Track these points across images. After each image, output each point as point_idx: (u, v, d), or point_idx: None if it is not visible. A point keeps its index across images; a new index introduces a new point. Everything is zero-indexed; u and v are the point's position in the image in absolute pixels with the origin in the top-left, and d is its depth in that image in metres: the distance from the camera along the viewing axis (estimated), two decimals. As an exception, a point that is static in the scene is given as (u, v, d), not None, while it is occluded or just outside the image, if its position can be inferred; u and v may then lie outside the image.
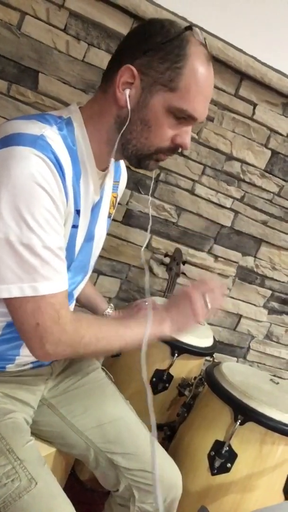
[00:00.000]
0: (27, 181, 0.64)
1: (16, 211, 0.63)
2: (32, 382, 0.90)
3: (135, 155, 0.79)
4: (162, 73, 0.72)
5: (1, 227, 0.64)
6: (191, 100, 0.73)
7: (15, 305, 0.69)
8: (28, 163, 0.64)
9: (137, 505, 0.89)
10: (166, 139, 0.76)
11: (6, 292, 0.67)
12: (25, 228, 0.64)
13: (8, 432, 0.77)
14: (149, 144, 0.77)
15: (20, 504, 0.69)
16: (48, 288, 0.68)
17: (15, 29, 1.35)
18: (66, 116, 0.76)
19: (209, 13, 1.44)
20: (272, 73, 1.55)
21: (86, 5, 1.36)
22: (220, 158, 1.66)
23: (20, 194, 0.63)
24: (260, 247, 1.83)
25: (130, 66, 0.73)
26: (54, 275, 0.69)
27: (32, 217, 0.64)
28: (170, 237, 1.72)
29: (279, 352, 2.02)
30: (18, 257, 0.65)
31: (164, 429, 1.22)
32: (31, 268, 0.66)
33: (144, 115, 0.75)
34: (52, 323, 0.71)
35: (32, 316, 0.69)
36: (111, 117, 0.77)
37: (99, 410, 0.94)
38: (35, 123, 0.70)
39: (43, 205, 0.66)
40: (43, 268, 0.67)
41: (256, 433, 0.98)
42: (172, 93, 0.72)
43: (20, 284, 0.67)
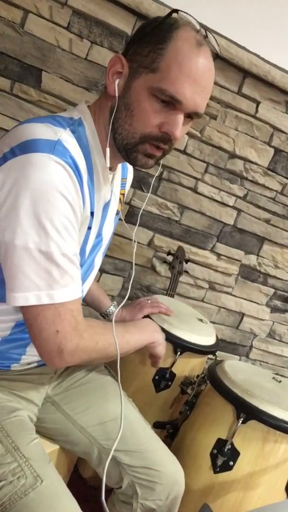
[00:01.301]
0: (47, 188, 0.63)
1: (35, 219, 0.63)
2: (36, 380, 0.90)
3: (122, 147, 0.76)
4: (145, 56, 0.70)
5: (20, 234, 0.63)
6: (172, 81, 0.68)
7: (34, 312, 0.68)
8: (48, 170, 0.63)
9: (140, 502, 0.89)
10: (150, 124, 0.72)
11: (23, 299, 0.66)
12: (44, 235, 0.64)
13: (13, 430, 0.77)
14: (133, 131, 0.73)
15: (26, 501, 0.69)
16: (65, 295, 0.68)
17: (18, 27, 1.35)
18: (77, 116, 0.76)
19: (212, 10, 1.43)
20: (276, 70, 1.54)
21: (89, 3, 1.36)
22: (223, 156, 1.66)
23: (40, 201, 0.63)
24: (263, 245, 1.83)
25: (119, 55, 0.74)
26: (70, 282, 0.69)
27: (51, 224, 0.64)
28: (172, 235, 1.72)
29: (282, 350, 2.02)
30: (35, 265, 0.65)
31: (166, 427, 1.23)
32: (48, 276, 0.66)
33: (128, 99, 0.73)
34: (71, 330, 0.71)
35: (53, 323, 0.69)
36: (107, 110, 0.77)
37: (102, 407, 0.95)
38: (49, 126, 0.69)
39: (62, 212, 0.65)
40: (60, 275, 0.67)
41: (258, 431, 0.98)
42: (153, 74, 0.70)
43: (37, 292, 0.66)
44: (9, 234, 0.64)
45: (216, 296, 1.86)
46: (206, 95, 0.73)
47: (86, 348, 0.75)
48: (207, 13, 1.41)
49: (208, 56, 0.71)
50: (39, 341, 0.72)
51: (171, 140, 0.73)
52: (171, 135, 0.72)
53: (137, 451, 0.90)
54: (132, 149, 0.75)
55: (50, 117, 0.72)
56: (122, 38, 1.43)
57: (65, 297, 0.69)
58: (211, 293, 1.85)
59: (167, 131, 0.72)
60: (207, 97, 0.73)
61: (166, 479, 0.89)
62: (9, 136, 0.70)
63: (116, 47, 1.44)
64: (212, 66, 0.72)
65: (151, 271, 1.75)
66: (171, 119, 0.71)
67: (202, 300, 1.86)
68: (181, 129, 0.72)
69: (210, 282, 1.83)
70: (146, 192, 1.63)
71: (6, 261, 0.67)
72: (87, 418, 0.93)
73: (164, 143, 0.74)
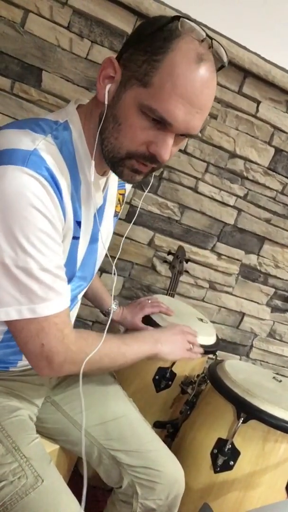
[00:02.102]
0: (20, 203, 0.60)
1: (10, 234, 0.61)
2: (36, 381, 0.90)
3: (109, 159, 0.71)
4: (139, 66, 0.64)
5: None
6: (164, 100, 0.62)
7: (17, 327, 0.68)
8: (20, 183, 0.60)
9: (140, 502, 0.89)
10: (137, 142, 0.67)
11: (4, 314, 0.66)
12: (20, 251, 0.62)
13: (14, 430, 0.77)
14: (119, 146, 0.68)
15: (27, 501, 0.69)
16: (48, 309, 0.67)
17: (18, 27, 1.35)
18: (63, 119, 0.71)
19: (212, 10, 1.43)
20: (276, 70, 1.54)
21: (89, 2, 1.36)
22: (223, 156, 1.66)
23: (14, 217, 0.60)
24: (263, 245, 1.83)
25: (112, 58, 0.68)
26: (53, 295, 0.67)
27: (27, 240, 0.62)
28: (173, 235, 1.72)
29: (282, 350, 2.02)
30: (14, 280, 0.64)
31: (167, 426, 1.23)
32: (28, 291, 0.65)
33: (116, 110, 0.67)
34: (57, 343, 0.70)
35: (37, 337, 0.68)
36: (97, 116, 0.71)
37: (102, 407, 0.95)
38: (27, 134, 0.65)
39: (38, 227, 0.63)
40: (41, 290, 0.66)
41: (258, 431, 0.98)
42: (144, 88, 0.63)
43: (18, 307, 0.65)
44: None
45: (216, 296, 1.86)
46: (202, 115, 0.66)
47: (75, 360, 0.74)
48: (207, 13, 1.41)
49: (208, 72, 0.64)
50: (26, 354, 0.72)
51: (159, 161, 0.68)
52: (158, 157, 0.67)
53: (137, 451, 0.90)
54: (118, 163, 0.70)
55: (32, 122, 0.69)
56: (123, 38, 1.43)
57: (48, 310, 0.67)
58: (212, 292, 1.85)
59: (154, 152, 0.67)
60: (203, 117, 0.67)
61: (166, 478, 0.89)
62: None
63: (116, 46, 1.44)
64: (212, 83, 0.65)
65: (152, 270, 1.75)
66: (160, 139, 0.66)
67: (203, 299, 1.86)
68: (171, 150, 0.67)
69: (211, 281, 1.83)
70: (147, 192, 1.62)
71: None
72: (87, 419, 0.92)
73: (151, 162, 0.69)
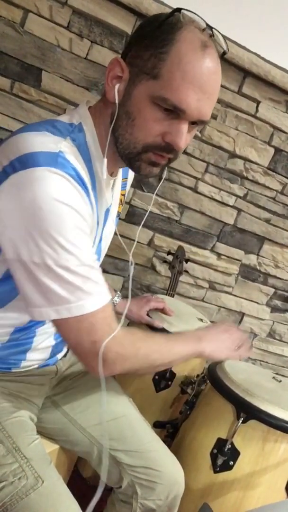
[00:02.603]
0: (53, 202, 0.61)
1: (47, 235, 0.61)
2: (37, 381, 0.90)
3: (125, 156, 0.73)
4: (146, 60, 0.66)
5: (36, 252, 0.62)
6: (175, 89, 0.64)
7: (67, 326, 0.68)
8: (51, 183, 0.61)
9: (140, 502, 0.89)
10: (152, 134, 0.68)
11: (54, 313, 0.66)
12: (60, 250, 0.62)
13: (14, 431, 0.77)
14: (134, 140, 0.70)
15: (27, 502, 0.69)
16: (94, 303, 0.68)
17: (18, 27, 1.35)
18: (77, 121, 0.73)
19: (212, 10, 1.43)
20: (276, 70, 1.54)
21: (89, 2, 1.36)
22: (223, 156, 1.66)
23: (49, 217, 0.61)
24: (263, 245, 1.83)
25: (118, 58, 0.70)
26: (95, 288, 0.68)
27: (65, 238, 0.62)
28: (173, 235, 1.72)
29: (282, 350, 2.02)
30: (59, 280, 0.64)
31: (166, 426, 1.23)
32: (74, 288, 0.65)
33: (128, 107, 0.69)
34: (110, 338, 0.70)
35: (88, 334, 0.68)
36: (108, 116, 0.73)
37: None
38: (47, 136, 0.66)
39: (74, 224, 0.64)
40: (85, 284, 0.66)
41: (258, 431, 0.98)
42: (154, 81, 0.65)
43: (68, 305, 0.66)
44: (25, 253, 0.63)
45: (216, 296, 1.86)
46: (212, 101, 0.68)
47: (127, 356, 0.74)
48: (207, 13, 1.41)
49: (214, 59, 0.67)
50: (78, 353, 0.72)
51: (175, 150, 0.70)
52: (174, 145, 0.69)
53: (137, 450, 0.90)
54: (135, 158, 0.72)
55: (48, 123, 0.69)
56: (122, 38, 1.43)
57: (95, 305, 0.68)
58: (211, 292, 1.85)
59: (170, 141, 0.69)
60: (213, 103, 0.69)
61: (166, 479, 0.89)
62: (7, 147, 0.66)
63: (116, 46, 1.44)
64: (218, 69, 0.68)
65: (151, 270, 1.75)
66: (174, 128, 0.68)
67: (202, 299, 1.86)
68: (185, 138, 0.69)
69: (210, 281, 1.83)
70: (147, 192, 1.63)
71: (26, 279, 0.65)
72: (87, 418, 0.93)
73: (167, 152, 0.71)
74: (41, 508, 0.69)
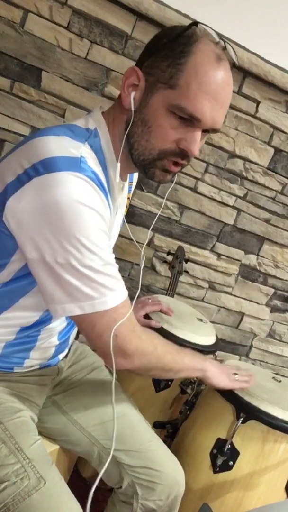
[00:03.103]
0: (77, 205, 0.63)
1: (72, 237, 0.64)
2: (39, 381, 0.90)
3: (139, 162, 0.76)
4: (164, 70, 0.69)
5: (60, 253, 0.65)
6: (191, 98, 0.68)
7: (90, 321, 0.71)
8: (75, 187, 0.64)
9: (140, 502, 0.89)
10: (168, 140, 0.72)
11: (78, 309, 0.69)
12: (84, 251, 0.65)
13: (16, 431, 0.77)
14: (150, 147, 0.73)
15: (29, 502, 0.69)
16: (115, 299, 0.71)
17: (18, 27, 1.35)
18: (93, 127, 0.75)
19: (212, 10, 1.43)
20: (276, 70, 1.54)
21: (89, 2, 1.36)
22: (223, 156, 1.66)
23: (73, 220, 0.64)
24: (263, 245, 1.83)
25: (135, 67, 0.73)
26: (116, 284, 0.72)
27: (89, 239, 0.65)
28: (172, 235, 1.72)
29: (282, 350, 2.02)
30: (84, 278, 0.67)
31: (166, 427, 1.23)
32: (97, 285, 0.68)
33: (145, 114, 0.72)
34: (129, 332, 0.74)
35: (110, 328, 0.71)
36: (122, 123, 0.76)
37: (102, 407, 0.95)
38: (67, 140, 0.68)
39: (96, 225, 0.66)
40: (108, 282, 0.69)
41: (258, 431, 0.98)
42: (171, 90, 0.69)
43: (92, 301, 0.69)
44: (49, 253, 0.65)
45: (216, 296, 1.86)
46: (224, 111, 0.73)
47: (146, 351, 0.79)
48: (207, 13, 1.41)
49: (227, 70, 0.70)
50: (100, 346, 0.74)
51: (189, 156, 0.74)
52: (188, 152, 0.72)
53: (137, 451, 0.90)
54: (150, 164, 0.76)
55: (66, 128, 0.71)
56: (122, 38, 1.43)
57: (116, 301, 0.71)
58: (211, 293, 1.86)
59: (185, 148, 0.72)
60: (225, 113, 0.73)
61: (166, 479, 0.89)
62: (27, 150, 0.68)
63: (116, 46, 1.44)
64: (231, 81, 0.72)
65: (151, 270, 1.75)
66: (189, 136, 0.71)
67: (202, 299, 1.86)
68: (198, 145, 0.73)
69: (210, 282, 1.83)
70: (147, 192, 1.63)
71: (50, 277, 0.68)
72: (87, 418, 0.93)
73: (182, 158, 0.75)
74: (43, 508, 0.69)
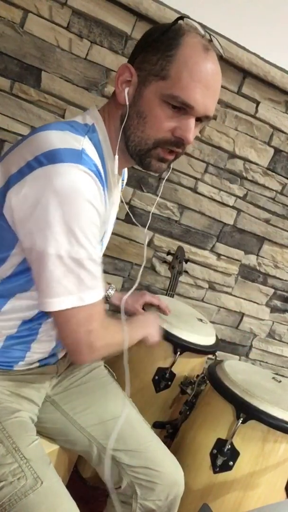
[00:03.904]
0: (77, 197, 0.65)
1: (67, 228, 0.65)
2: (37, 380, 0.90)
3: (136, 153, 0.78)
4: (154, 63, 0.72)
5: (52, 242, 0.65)
6: (183, 87, 0.70)
7: (67, 316, 0.72)
8: (76, 179, 0.65)
9: (139, 502, 0.89)
10: (163, 130, 0.74)
11: (57, 305, 0.70)
12: (75, 243, 0.66)
13: (14, 431, 0.77)
14: (146, 137, 0.75)
15: (26, 502, 0.69)
16: (93, 296, 0.72)
17: (18, 27, 1.35)
18: (90, 123, 0.77)
19: (211, 10, 1.43)
20: (275, 70, 1.54)
21: (89, 3, 1.36)
22: (222, 156, 1.66)
23: (71, 211, 0.65)
24: (263, 245, 1.83)
25: (127, 64, 0.75)
26: (97, 284, 0.73)
27: (83, 232, 0.67)
28: (172, 235, 1.72)
29: (281, 350, 2.02)
30: (67, 271, 0.68)
31: (166, 427, 1.23)
32: (78, 280, 0.69)
33: (139, 107, 0.75)
34: (101, 328, 0.77)
35: (86, 324, 0.73)
36: (118, 118, 0.78)
37: (101, 407, 0.95)
38: (70, 135, 0.70)
39: (92, 220, 0.68)
40: (89, 279, 0.70)
41: (258, 431, 0.98)
42: (163, 81, 0.71)
43: (69, 296, 0.70)
44: (41, 242, 0.66)
45: (216, 296, 1.86)
46: (215, 98, 0.75)
47: (110, 343, 0.82)
48: (207, 13, 1.41)
49: (215, 60, 0.73)
50: (71, 342, 0.76)
51: (184, 143, 0.76)
52: (184, 139, 0.74)
53: (136, 450, 0.90)
54: (146, 154, 0.78)
55: (66, 124, 0.73)
56: (122, 38, 1.43)
57: (95, 298, 0.72)
58: (211, 293, 1.85)
59: (180, 135, 0.74)
60: (216, 100, 0.76)
61: (165, 479, 0.89)
62: (30, 144, 0.70)
63: (115, 47, 1.44)
64: (219, 69, 0.74)
65: (151, 271, 1.75)
66: (183, 124, 0.73)
67: (202, 300, 1.86)
68: (193, 132, 0.75)
69: (210, 282, 1.83)
70: (146, 192, 1.63)
71: (38, 268, 0.69)
72: (87, 418, 0.93)
73: (177, 147, 0.77)
74: (40, 509, 0.69)
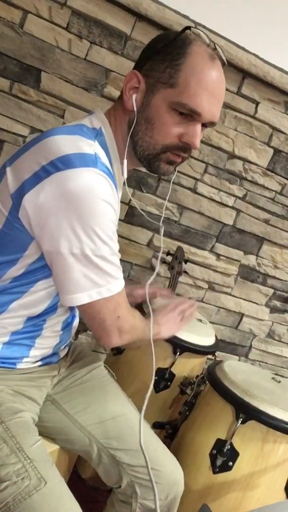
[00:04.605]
0: (94, 198, 0.68)
1: (88, 228, 0.69)
2: (39, 379, 0.91)
3: (144, 157, 0.82)
4: (162, 71, 0.75)
5: (76, 243, 0.69)
6: (191, 95, 0.74)
7: (97, 307, 0.76)
8: (93, 182, 0.68)
9: (139, 502, 0.89)
10: (171, 136, 0.78)
11: (87, 297, 0.74)
12: (98, 241, 0.71)
13: (18, 431, 0.77)
14: (154, 143, 0.79)
15: (30, 502, 0.69)
16: (118, 285, 0.78)
17: (17, 28, 1.35)
18: (98, 127, 0.80)
19: (211, 11, 1.43)
20: (275, 71, 1.54)
21: (88, 3, 1.36)
22: (222, 157, 1.66)
23: (91, 212, 0.68)
24: (262, 245, 1.83)
25: (135, 71, 0.78)
26: (119, 273, 0.78)
27: (103, 231, 0.71)
28: (172, 236, 1.72)
29: (281, 350, 2.02)
30: (94, 267, 0.72)
31: (166, 427, 1.23)
32: (105, 274, 0.74)
33: (147, 113, 0.78)
34: (127, 312, 0.83)
35: (114, 312, 0.79)
36: (125, 124, 0.82)
37: (101, 406, 0.95)
38: (82, 140, 0.72)
39: (110, 218, 0.72)
40: (114, 271, 0.76)
41: (257, 431, 0.98)
42: (171, 89, 0.75)
43: (98, 289, 0.74)
44: (64, 245, 0.70)
45: (215, 297, 1.86)
46: (220, 105, 0.80)
47: (136, 326, 0.87)
48: (206, 14, 1.41)
49: (220, 68, 0.77)
50: (102, 329, 0.80)
51: (191, 149, 0.80)
52: (191, 144, 0.78)
53: (136, 450, 0.90)
54: (154, 158, 0.81)
55: (76, 127, 0.76)
56: (122, 39, 1.43)
57: (119, 287, 0.78)
58: (211, 293, 1.85)
59: (187, 141, 0.78)
60: (220, 107, 0.81)
61: (165, 479, 0.89)
62: (42, 148, 0.71)
63: (115, 47, 1.44)
64: (223, 77, 0.79)
65: (151, 271, 1.75)
66: (190, 130, 0.77)
67: (202, 300, 1.86)
68: (199, 138, 0.79)
69: (210, 282, 1.83)
70: (146, 192, 1.63)
71: (62, 268, 0.72)
72: (87, 417, 0.93)
73: (184, 152, 0.81)
74: (44, 509, 0.69)
